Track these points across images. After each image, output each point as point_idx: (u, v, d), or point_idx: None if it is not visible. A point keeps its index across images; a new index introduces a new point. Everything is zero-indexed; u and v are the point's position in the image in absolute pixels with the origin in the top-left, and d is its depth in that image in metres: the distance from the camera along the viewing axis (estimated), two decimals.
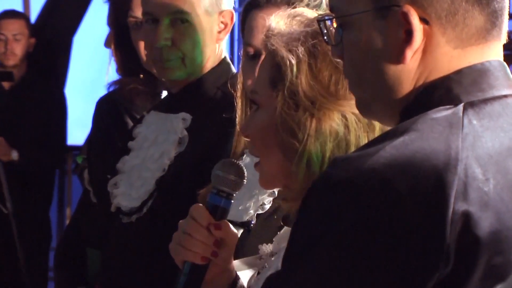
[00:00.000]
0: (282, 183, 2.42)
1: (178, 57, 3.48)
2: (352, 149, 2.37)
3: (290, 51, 2.39)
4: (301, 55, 2.38)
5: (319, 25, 2.13)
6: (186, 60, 3.51)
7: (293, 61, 2.36)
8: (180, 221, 2.52)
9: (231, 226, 2.51)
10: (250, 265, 2.66)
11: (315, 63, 2.38)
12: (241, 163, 2.57)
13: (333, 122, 2.37)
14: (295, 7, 2.89)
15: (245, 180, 2.53)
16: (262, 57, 2.55)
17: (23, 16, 9.05)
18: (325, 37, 2.09)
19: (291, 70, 2.36)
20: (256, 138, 2.47)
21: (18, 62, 8.60)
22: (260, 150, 2.46)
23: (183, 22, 3.45)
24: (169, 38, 3.48)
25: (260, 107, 2.45)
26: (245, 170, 2.52)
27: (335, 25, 2.03)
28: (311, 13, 2.56)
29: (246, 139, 2.58)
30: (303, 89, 2.35)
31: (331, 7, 2.05)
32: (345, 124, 2.37)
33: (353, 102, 2.13)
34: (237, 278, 2.56)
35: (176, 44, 3.44)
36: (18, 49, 8.52)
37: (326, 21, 2.07)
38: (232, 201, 2.51)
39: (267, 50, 2.46)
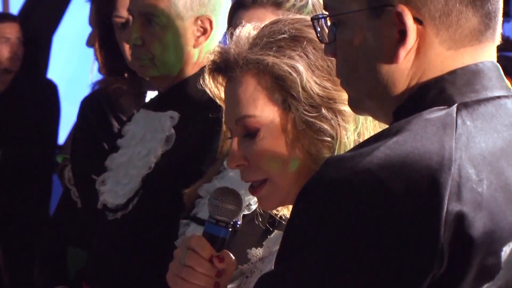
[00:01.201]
0: (288, 198, 2.32)
1: (148, 57, 3.52)
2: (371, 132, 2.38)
3: (286, 62, 2.37)
4: (299, 61, 2.36)
5: (313, 23, 2.11)
6: (156, 60, 3.53)
7: (300, 69, 2.34)
8: (176, 250, 2.50)
9: (231, 255, 2.45)
10: (238, 275, 2.61)
11: (313, 63, 2.36)
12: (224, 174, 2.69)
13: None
14: (281, 8, 3.14)
15: (243, 208, 2.56)
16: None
17: (16, 18, 8.83)
18: (319, 35, 2.08)
19: (300, 79, 2.34)
20: (262, 161, 2.39)
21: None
22: (269, 170, 2.39)
23: (153, 24, 3.50)
24: (138, 37, 3.51)
25: (260, 129, 2.37)
26: (242, 197, 2.51)
27: (329, 23, 2.04)
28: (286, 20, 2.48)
29: (238, 168, 2.44)
30: (316, 91, 2.33)
31: (325, 5, 2.07)
32: None
33: None
34: None
35: (145, 44, 3.49)
36: (20, 52, 8.30)
37: (320, 20, 2.06)
38: (230, 230, 2.49)
39: (248, 68, 2.39)
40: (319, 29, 2.08)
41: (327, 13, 2.06)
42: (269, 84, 2.34)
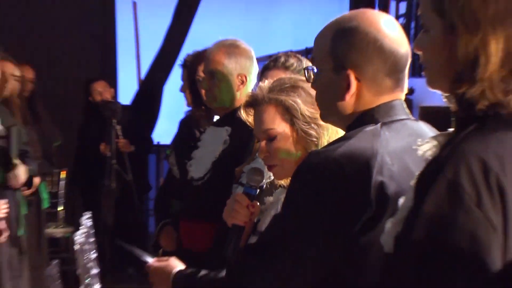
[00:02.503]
0: (290, 174, 2.71)
1: (212, 97, 4.51)
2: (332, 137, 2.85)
3: (291, 99, 2.94)
4: (297, 98, 2.93)
5: (304, 71, 2.70)
6: (217, 99, 4.49)
7: (298, 102, 2.91)
8: (228, 200, 3.20)
9: (257, 203, 3.14)
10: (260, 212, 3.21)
11: (305, 99, 2.93)
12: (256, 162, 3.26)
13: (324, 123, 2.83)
14: (288, 70, 3.93)
15: (264, 179, 3.18)
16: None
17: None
18: (307, 78, 2.68)
19: (299, 108, 2.91)
20: (277, 154, 2.96)
21: None
22: (280, 159, 2.97)
23: (213, 78, 4.42)
24: (207, 86, 4.51)
25: (276, 136, 2.95)
26: (265, 173, 3.16)
27: (315, 70, 2.62)
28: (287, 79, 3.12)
29: (265, 153, 3.00)
30: (307, 113, 2.90)
31: (312, 60, 2.74)
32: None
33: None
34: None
35: (211, 89, 4.46)
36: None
37: (309, 69, 2.64)
38: (258, 190, 3.17)
39: (268, 103, 2.98)
40: (307, 74, 2.68)
41: (312, 66, 2.66)
42: (281, 111, 2.94)
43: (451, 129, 2.02)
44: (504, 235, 1.79)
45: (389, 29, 2.48)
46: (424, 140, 2.11)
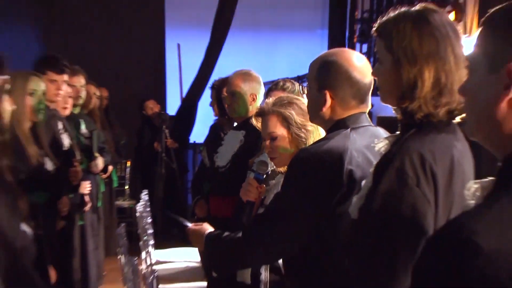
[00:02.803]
0: (286, 163, 2.67)
1: (234, 109, 4.47)
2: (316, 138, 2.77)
3: (288, 111, 2.88)
4: (292, 111, 2.87)
5: (302, 86, 2.82)
6: (236, 111, 4.47)
7: (293, 113, 2.87)
8: (244, 183, 3.17)
9: (264, 186, 3.11)
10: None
11: (297, 111, 2.88)
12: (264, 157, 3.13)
13: (313, 128, 2.82)
14: (285, 91, 3.92)
15: (269, 168, 3.13)
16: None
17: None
18: (301, 92, 2.79)
19: (293, 117, 2.86)
20: (277, 150, 2.90)
21: None
22: (279, 153, 2.91)
23: (234, 96, 4.42)
24: (228, 102, 4.49)
25: (277, 137, 2.89)
26: (269, 163, 3.09)
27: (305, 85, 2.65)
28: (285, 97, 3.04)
29: (269, 149, 2.96)
30: (299, 121, 2.86)
31: (307, 78, 2.59)
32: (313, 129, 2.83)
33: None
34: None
35: (232, 104, 4.44)
36: None
37: (302, 85, 2.78)
38: (264, 176, 3.13)
39: (271, 114, 2.92)
40: (303, 89, 2.77)
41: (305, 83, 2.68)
42: (281, 119, 2.89)
43: (398, 132, 2.04)
44: (435, 207, 1.85)
45: (358, 64, 2.44)
46: (379, 140, 2.11)
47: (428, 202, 1.83)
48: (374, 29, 2.03)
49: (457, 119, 1.95)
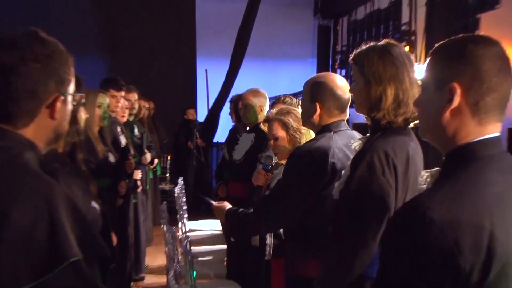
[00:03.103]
0: (286, 157, 2.62)
1: (247, 116, 4.39)
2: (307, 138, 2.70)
3: (287, 118, 2.85)
4: (290, 118, 2.85)
5: (298, 99, 2.70)
6: (248, 119, 4.38)
7: (291, 120, 2.83)
8: (255, 172, 3.13)
9: (270, 174, 3.07)
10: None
11: (294, 118, 2.84)
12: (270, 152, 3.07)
13: (305, 131, 2.79)
14: (284, 104, 3.79)
15: (273, 161, 3.09)
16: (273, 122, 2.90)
17: None
18: (297, 104, 2.69)
19: (291, 123, 2.83)
20: (279, 147, 2.85)
21: None
22: (280, 151, 2.86)
23: (246, 108, 4.35)
24: (243, 112, 4.40)
25: (279, 138, 2.85)
26: (273, 157, 3.05)
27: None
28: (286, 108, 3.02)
29: (273, 147, 2.91)
30: (294, 126, 2.82)
31: (302, 93, 2.50)
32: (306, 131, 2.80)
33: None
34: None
35: (245, 112, 4.36)
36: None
37: (300, 99, 2.64)
38: (270, 167, 3.09)
39: (274, 121, 2.88)
40: (297, 102, 2.74)
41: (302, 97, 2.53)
42: (281, 125, 2.85)
43: (368, 135, 2.02)
44: (396, 191, 1.84)
45: (340, 84, 2.42)
46: (355, 140, 2.10)
47: (391, 186, 1.84)
48: (350, 58, 2.02)
49: (411, 125, 1.96)
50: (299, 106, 2.77)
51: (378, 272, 1.19)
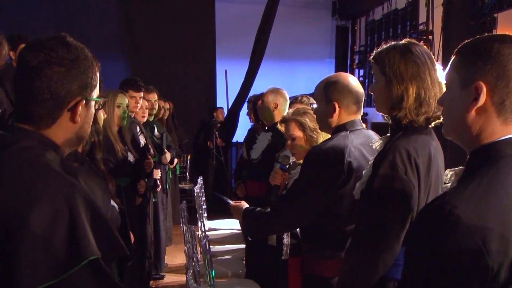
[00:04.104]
0: (303, 157, 2.56)
1: (264, 116, 4.43)
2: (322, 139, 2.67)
3: (303, 119, 2.83)
4: (306, 118, 2.83)
5: (312, 107, 2.67)
6: (263, 114, 4.41)
7: (307, 120, 2.81)
8: (272, 172, 3.11)
9: (287, 173, 3.03)
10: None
11: (310, 118, 2.81)
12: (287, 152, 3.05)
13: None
14: (302, 103, 3.76)
15: (290, 160, 3.07)
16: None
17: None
18: (313, 110, 2.57)
19: (307, 124, 2.81)
20: (296, 147, 2.83)
21: None
22: (298, 151, 2.83)
23: (262, 104, 4.36)
24: (258, 110, 4.46)
25: (296, 138, 2.83)
26: (290, 157, 3.03)
27: (315, 105, 2.54)
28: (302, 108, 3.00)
29: (290, 147, 2.89)
30: (311, 126, 2.80)
31: (314, 97, 2.52)
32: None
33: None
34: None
35: (259, 110, 4.43)
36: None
37: (312, 107, 2.60)
38: (287, 166, 3.07)
39: (291, 121, 2.86)
40: (313, 109, 2.64)
41: (314, 102, 2.63)
42: (298, 125, 2.82)
43: (388, 134, 1.99)
44: (418, 190, 1.82)
45: (352, 80, 2.41)
46: (375, 140, 2.08)
47: (413, 186, 1.82)
48: (371, 57, 2.00)
49: (432, 124, 1.94)
50: (312, 107, 2.76)
51: (403, 273, 1.18)
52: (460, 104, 1.25)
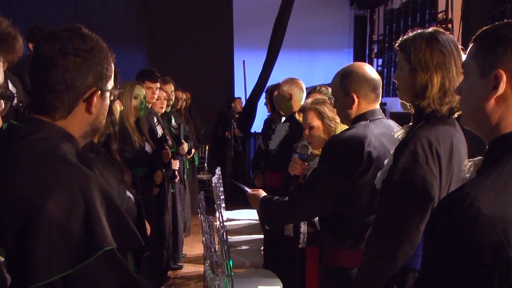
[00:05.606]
0: (321, 147, 2.61)
1: (277, 103, 4.44)
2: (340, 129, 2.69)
3: (322, 108, 2.82)
4: (325, 108, 2.82)
5: (330, 100, 2.54)
6: (278, 104, 4.44)
7: (326, 110, 2.81)
8: (291, 162, 3.08)
9: (306, 163, 3.01)
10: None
11: (329, 108, 2.80)
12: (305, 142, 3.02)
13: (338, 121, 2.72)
14: (320, 93, 3.75)
15: (309, 150, 3.02)
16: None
17: None
18: (332, 103, 2.53)
19: (326, 113, 2.80)
20: (314, 137, 2.83)
21: None
22: (315, 140, 2.84)
23: (278, 94, 4.37)
24: (275, 100, 4.48)
25: (314, 127, 2.82)
26: (309, 146, 2.99)
27: (333, 99, 2.50)
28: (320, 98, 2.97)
29: (308, 136, 2.88)
30: (329, 115, 2.80)
31: (331, 92, 2.52)
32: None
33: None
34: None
35: (275, 99, 4.47)
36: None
37: (331, 100, 2.51)
38: (306, 156, 3.03)
39: (309, 110, 2.86)
40: (331, 102, 2.55)
41: (331, 96, 2.52)
42: (317, 114, 2.82)
43: (410, 124, 1.96)
44: (439, 180, 1.80)
45: (368, 69, 2.41)
46: (396, 129, 2.09)
47: (434, 176, 1.79)
48: (396, 44, 1.98)
49: (456, 115, 1.92)
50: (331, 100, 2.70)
51: (422, 266, 1.16)
52: (479, 93, 1.22)
